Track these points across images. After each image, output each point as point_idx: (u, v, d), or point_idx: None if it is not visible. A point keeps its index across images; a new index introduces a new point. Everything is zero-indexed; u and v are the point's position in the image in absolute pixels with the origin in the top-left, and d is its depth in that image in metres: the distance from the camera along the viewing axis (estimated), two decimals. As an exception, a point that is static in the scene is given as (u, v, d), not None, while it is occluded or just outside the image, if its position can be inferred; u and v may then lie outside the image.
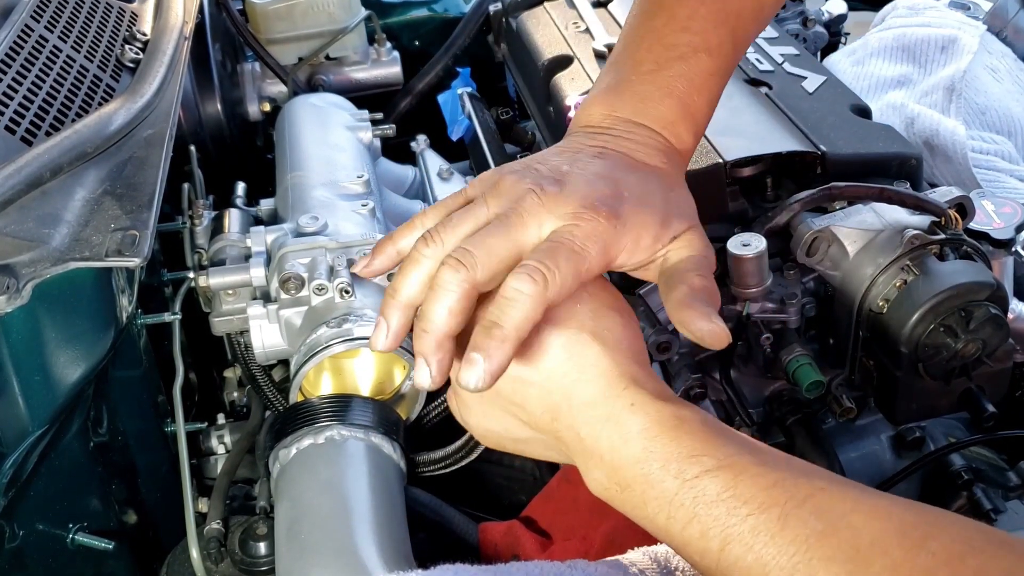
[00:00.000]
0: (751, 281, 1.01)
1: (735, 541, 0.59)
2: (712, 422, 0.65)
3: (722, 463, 0.61)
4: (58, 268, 0.86)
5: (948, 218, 0.97)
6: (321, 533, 0.91)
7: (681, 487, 0.61)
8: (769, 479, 0.60)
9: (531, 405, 0.69)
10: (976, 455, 1.03)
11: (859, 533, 0.56)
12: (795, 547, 0.57)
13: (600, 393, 0.66)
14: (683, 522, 0.61)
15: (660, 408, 0.65)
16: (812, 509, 0.58)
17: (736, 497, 0.60)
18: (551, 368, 0.68)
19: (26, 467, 0.91)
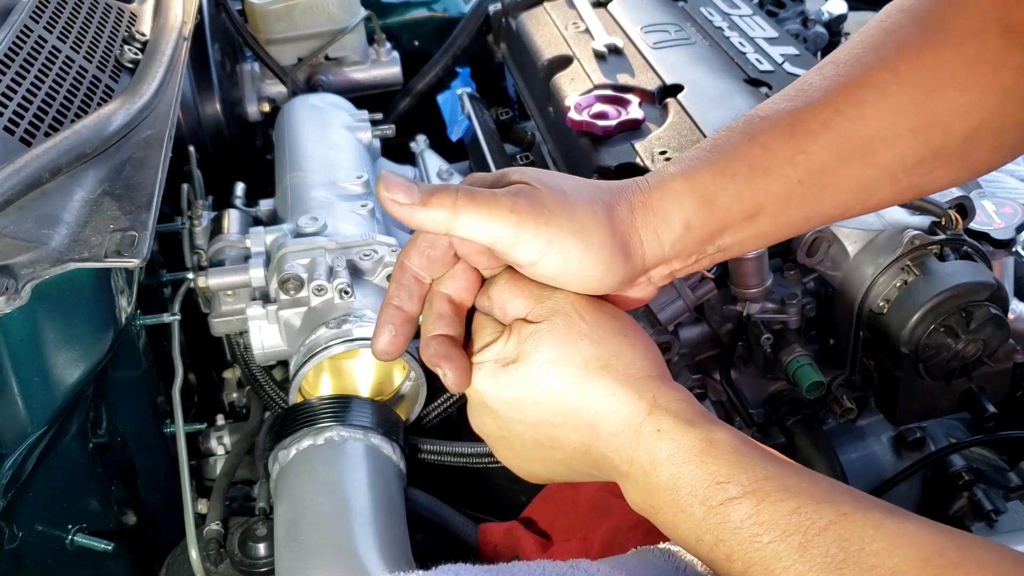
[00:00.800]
0: (751, 282, 1.01)
1: (757, 566, 0.60)
2: (738, 442, 0.65)
3: (746, 489, 0.62)
4: (57, 269, 0.86)
5: (948, 218, 0.97)
6: (321, 534, 0.91)
7: (707, 513, 0.63)
8: (791, 504, 0.61)
9: (561, 443, 0.70)
10: (977, 455, 1.03)
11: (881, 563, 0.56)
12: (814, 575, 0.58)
13: (623, 422, 0.67)
14: (710, 545, 0.63)
15: (686, 432, 0.65)
16: (833, 537, 0.58)
17: (759, 524, 0.61)
18: (570, 407, 0.68)
19: (25, 468, 0.91)
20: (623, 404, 0.67)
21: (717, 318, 1.05)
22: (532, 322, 0.69)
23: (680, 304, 1.00)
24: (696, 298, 1.01)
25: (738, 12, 1.37)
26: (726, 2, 1.40)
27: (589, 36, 1.37)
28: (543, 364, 0.68)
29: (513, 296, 0.71)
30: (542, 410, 0.69)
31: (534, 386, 0.68)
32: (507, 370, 0.69)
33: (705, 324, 1.07)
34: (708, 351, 1.08)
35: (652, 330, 1.01)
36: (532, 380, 0.68)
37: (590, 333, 0.69)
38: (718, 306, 1.04)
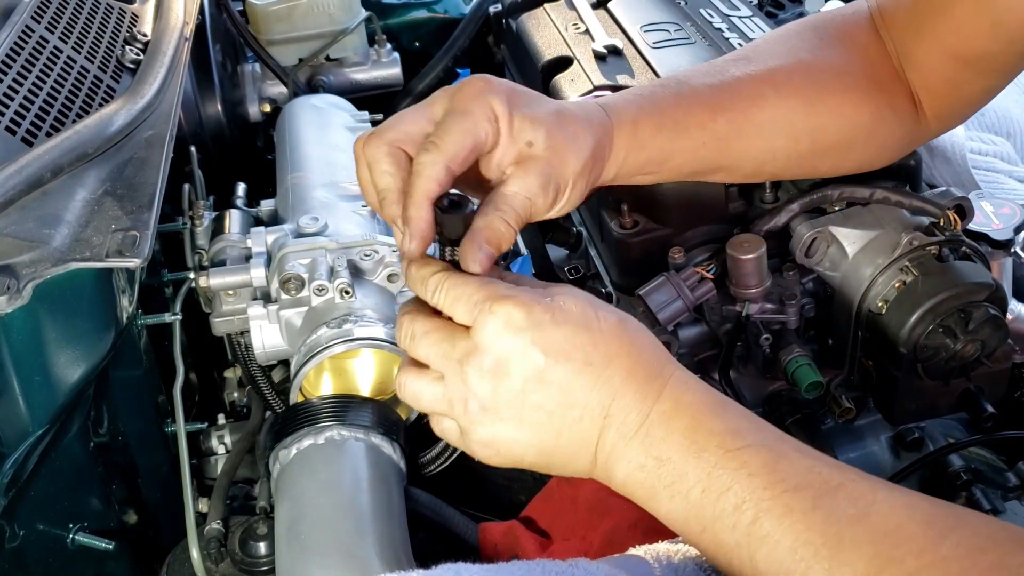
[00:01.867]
0: (750, 282, 1.01)
1: (767, 515, 0.61)
2: (752, 413, 0.69)
3: (763, 442, 0.65)
4: (59, 268, 0.86)
5: (947, 219, 0.97)
6: (321, 533, 0.91)
7: (723, 456, 0.64)
8: (806, 463, 0.64)
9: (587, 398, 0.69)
10: (975, 456, 1.03)
11: (887, 519, 0.59)
12: (826, 527, 0.60)
13: (656, 371, 0.69)
14: (718, 493, 0.64)
15: (707, 390, 0.70)
16: (845, 495, 0.61)
17: (774, 473, 0.63)
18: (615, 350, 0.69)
19: (26, 467, 0.91)
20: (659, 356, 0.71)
21: (716, 318, 1.05)
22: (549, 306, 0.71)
23: (679, 304, 1.01)
24: (695, 298, 1.02)
25: (737, 13, 1.37)
26: (725, 3, 1.40)
27: (589, 37, 1.37)
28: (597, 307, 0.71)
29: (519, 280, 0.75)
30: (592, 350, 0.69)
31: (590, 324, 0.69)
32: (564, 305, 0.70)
33: (704, 324, 1.07)
34: (707, 351, 1.08)
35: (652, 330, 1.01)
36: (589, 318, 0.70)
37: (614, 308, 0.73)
38: (717, 306, 1.04)
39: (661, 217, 1.07)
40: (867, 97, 0.92)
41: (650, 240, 1.06)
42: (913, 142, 0.99)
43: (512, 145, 0.74)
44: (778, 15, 1.69)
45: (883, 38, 0.94)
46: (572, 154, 0.76)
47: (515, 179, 0.74)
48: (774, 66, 0.91)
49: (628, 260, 1.08)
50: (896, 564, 0.57)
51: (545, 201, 0.75)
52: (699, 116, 0.87)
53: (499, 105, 0.73)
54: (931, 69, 0.92)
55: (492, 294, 0.70)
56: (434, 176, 0.70)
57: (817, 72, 0.91)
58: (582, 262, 1.21)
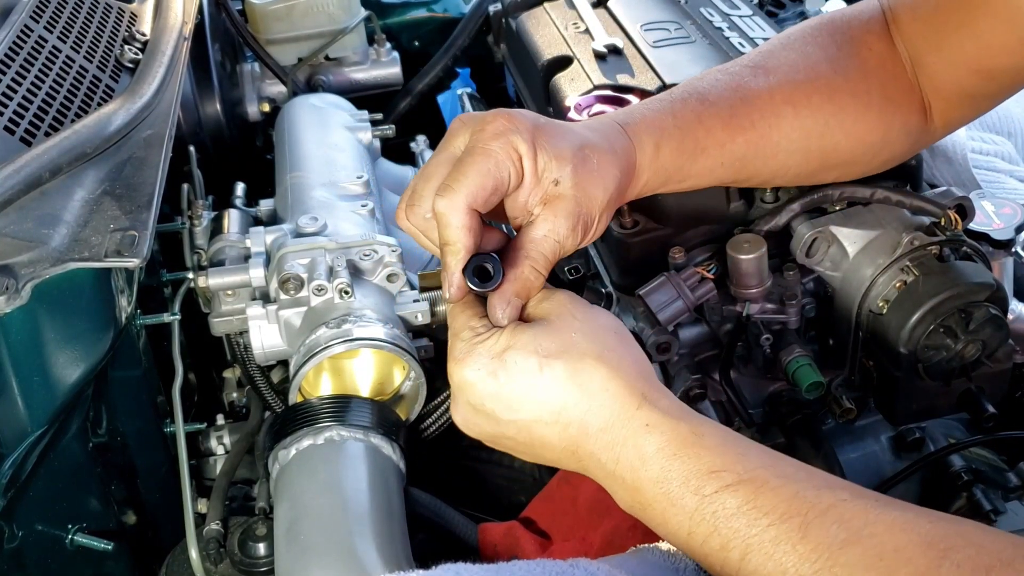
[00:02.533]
0: (751, 282, 1.01)
1: (755, 551, 0.60)
2: (730, 436, 0.66)
3: (742, 477, 0.62)
4: (57, 268, 0.86)
5: (948, 219, 0.97)
6: (321, 534, 0.91)
7: (700, 503, 0.63)
8: (790, 490, 0.61)
9: (551, 444, 0.71)
10: (976, 456, 1.03)
11: (883, 543, 0.57)
12: (817, 555, 0.58)
13: (614, 417, 0.68)
14: (703, 536, 0.63)
15: (675, 425, 0.66)
16: (835, 519, 0.59)
17: (757, 509, 0.61)
18: (563, 402, 0.69)
19: (25, 467, 0.91)
20: (615, 398, 0.68)
21: (717, 318, 1.05)
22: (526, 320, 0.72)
23: (680, 304, 1.00)
24: (696, 298, 1.01)
25: (738, 12, 1.37)
26: (726, 2, 1.40)
27: (589, 36, 1.37)
28: (542, 356, 0.69)
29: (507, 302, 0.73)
30: (536, 406, 0.69)
31: (533, 379, 0.69)
32: (506, 362, 0.70)
33: (705, 324, 1.07)
34: (708, 351, 1.08)
35: (652, 330, 1.01)
36: (531, 372, 0.69)
37: (583, 329, 0.71)
38: (718, 306, 1.04)
39: (661, 217, 1.06)
40: (880, 117, 0.92)
41: (650, 240, 1.06)
42: (918, 148, 0.99)
43: (538, 185, 0.73)
44: (778, 14, 1.69)
45: (896, 43, 0.93)
46: (599, 189, 0.75)
47: (543, 221, 0.73)
48: (794, 80, 0.90)
49: (628, 260, 1.08)
50: None
51: (575, 241, 0.74)
52: (719, 136, 0.86)
53: (522, 144, 0.71)
54: (947, 79, 0.91)
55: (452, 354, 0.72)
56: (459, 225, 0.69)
57: (835, 91, 0.91)
58: (582, 262, 1.21)
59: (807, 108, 0.89)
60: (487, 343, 0.71)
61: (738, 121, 0.87)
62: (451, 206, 0.69)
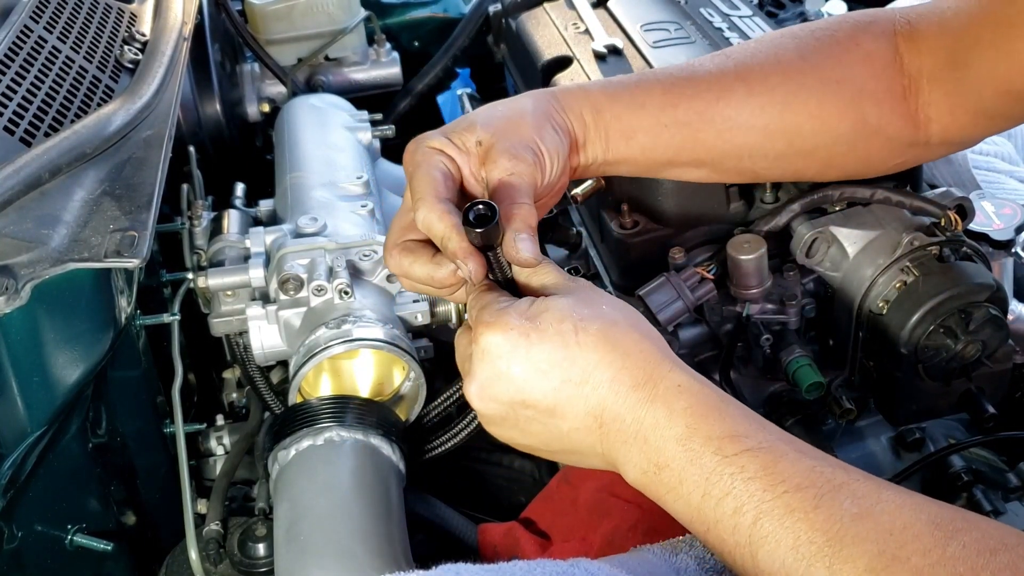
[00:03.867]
0: (751, 282, 1.01)
1: (768, 516, 0.61)
2: (753, 412, 0.68)
3: (762, 444, 0.64)
4: (57, 269, 0.86)
5: (948, 219, 0.97)
6: (320, 534, 0.91)
7: (720, 463, 0.64)
8: (807, 464, 0.63)
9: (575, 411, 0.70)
10: (976, 456, 1.03)
11: (893, 519, 0.58)
12: (828, 524, 0.59)
13: (646, 375, 0.69)
14: (717, 498, 0.63)
15: (703, 390, 0.68)
16: (848, 494, 0.60)
17: (774, 475, 0.62)
18: (595, 362, 0.69)
19: (25, 468, 0.91)
20: (649, 358, 0.69)
21: (716, 319, 1.05)
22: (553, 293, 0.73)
23: (680, 304, 1.00)
24: (696, 299, 1.01)
25: (738, 13, 1.37)
26: (726, 3, 1.40)
27: (589, 37, 1.37)
28: (577, 320, 0.70)
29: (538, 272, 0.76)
30: (568, 367, 0.69)
31: (567, 339, 0.69)
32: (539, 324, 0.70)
33: (704, 325, 1.07)
34: (707, 352, 1.08)
35: (652, 330, 1.01)
36: (566, 333, 0.69)
37: (611, 302, 0.73)
38: (718, 307, 1.04)
39: (661, 217, 1.06)
40: (852, 106, 0.88)
41: (650, 240, 1.06)
42: (905, 162, 0.96)
43: (470, 156, 0.78)
44: (778, 15, 1.69)
45: (902, 54, 0.89)
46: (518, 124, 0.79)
47: (490, 172, 0.77)
48: (750, 63, 0.90)
49: (628, 260, 1.08)
50: (901, 563, 0.56)
51: (527, 166, 0.77)
52: (658, 98, 0.87)
53: (434, 140, 0.79)
54: (969, 96, 0.87)
55: (479, 319, 0.72)
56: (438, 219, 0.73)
57: (796, 74, 0.89)
58: (582, 262, 1.21)
59: (762, 86, 0.88)
60: (518, 306, 0.72)
61: (681, 90, 0.87)
62: (427, 209, 0.73)
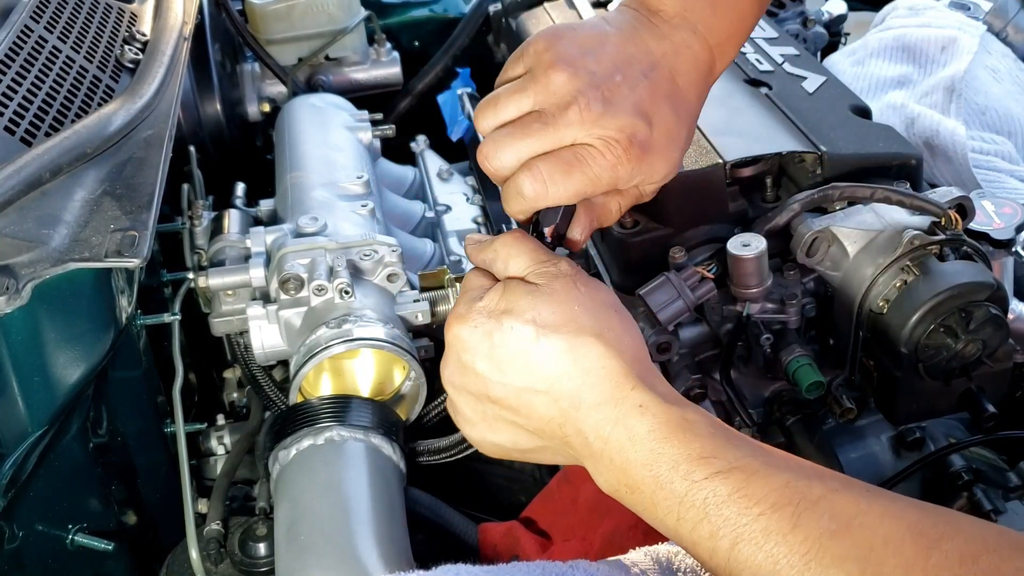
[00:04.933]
0: (751, 281, 1.01)
1: (745, 541, 0.59)
2: (721, 426, 0.66)
3: (733, 465, 0.62)
4: (58, 269, 0.86)
5: (948, 218, 0.97)
6: (321, 534, 0.91)
7: (690, 488, 0.62)
8: (781, 480, 0.61)
9: (538, 414, 0.70)
10: (976, 456, 1.03)
11: (873, 533, 0.57)
12: (807, 546, 0.57)
13: (607, 395, 0.67)
14: (693, 523, 0.62)
15: (668, 410, 0.66)
16: (825, 509, 0.59)
17: (748, 497, 0.60)
18: (557, 374, 0.68)
19: (26, 468, 0.91)
20: (610, 376, 0.67)
21: (717, 318, 1.05)
22: (530, 282, 0.72)
23: (680, 304, 1.00)
24: (696, 298, 1.01)
25: (738, 12, 1.37)
26: (726, 2, 1.40)
27: (589, 36, 1.37)
28: (539, 326, 0.69)
29: (519, 253, 0.74)
30: (529, 375, 0.69)
31: (528, 348, 0.69)
32: (502, 327, 0.70)
33: (705, 324, 1.07)
34: (708, 351, 1.08)
35: (652, 330, 1.01)
36: (527, 340, 0.69)
37: (585, 303, 0.71)
38: (718, 306, 1.04)
39: (661, 217, 1.06)
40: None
41: (650, 240, 1.06)
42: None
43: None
44: (778, 14, 1.70)
45: None
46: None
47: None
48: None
49: (628, 260, 1.08)
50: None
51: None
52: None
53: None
54: None
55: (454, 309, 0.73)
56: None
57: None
58: (582, 262, 1.21)
59: None
60: (486, 302, 0.72)
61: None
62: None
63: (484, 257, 0.77)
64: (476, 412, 0.74)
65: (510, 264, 0.74)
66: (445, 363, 0.74)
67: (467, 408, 0.74)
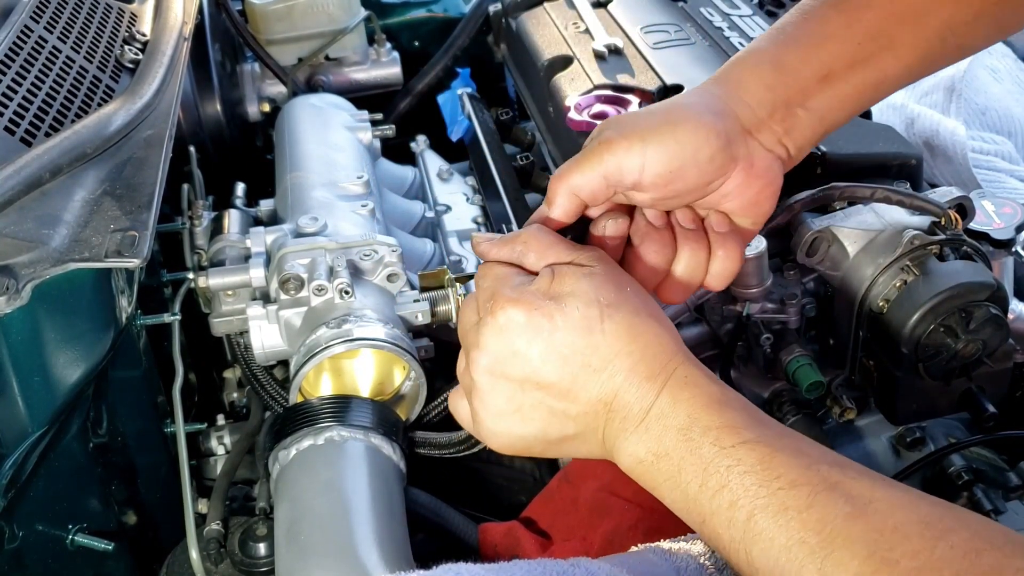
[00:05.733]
0: (751, 281, 1.01)
1: (762, 513, 0.61)
2: (755, 408, 0.68)
3: (760, 439, 0.64)
4: (58, 269, 0.86)
5: (948, 218, 0.97)
6: (321, 534, 0.91)
7: (718, 454, 0.64)
8: (803, 461, 0.63)
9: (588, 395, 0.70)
10: (976, 455, 1.03)
11: (884, 519, 0.59)
12: (821, 525, 0.59)
13: (660, 367, 0.69)
14: (714, 489, 0.63)
15: (710, 384, 0.69)
16: (842, 493, 0.60)
17: (769, 470, 0.62)
18: (618, 350, 0.69)
19: (26, 468, 0.91)
20: (665, 351, 0.70)
21: (717, 318, 1.05)
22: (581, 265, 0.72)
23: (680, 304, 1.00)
24: (696, 298, 1.01)
25: (738, 12, 1.37)
26: (726, 2, 1.40)
27: (589, 36, 1.37)
28: (604, 305, 0.70)
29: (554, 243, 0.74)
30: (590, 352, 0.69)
31: (593, 325, 0.69)
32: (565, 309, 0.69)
33: (705, 324, 1.07)
34: (708, 351, 1.08)
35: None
36: (592, 319, 0.69)
37: (632, 283, 0.73)
38: (718, 306, 1.04)
39: (661, 217, 1.06)
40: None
41: (650, 240, 1.06)
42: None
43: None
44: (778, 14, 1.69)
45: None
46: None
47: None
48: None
49: (628, 260, 1.08)
50: (891, 565, 0.57)
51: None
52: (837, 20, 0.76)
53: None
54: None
55: (498, 293, 0.71)
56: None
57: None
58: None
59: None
60: (540, 285, 0.71)
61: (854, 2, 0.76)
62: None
63: (511, 250, 0.76)
64: (512, 402, 0.71)
65: (547, 254, 0.74)
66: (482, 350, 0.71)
67: (501, 398, 0.72)
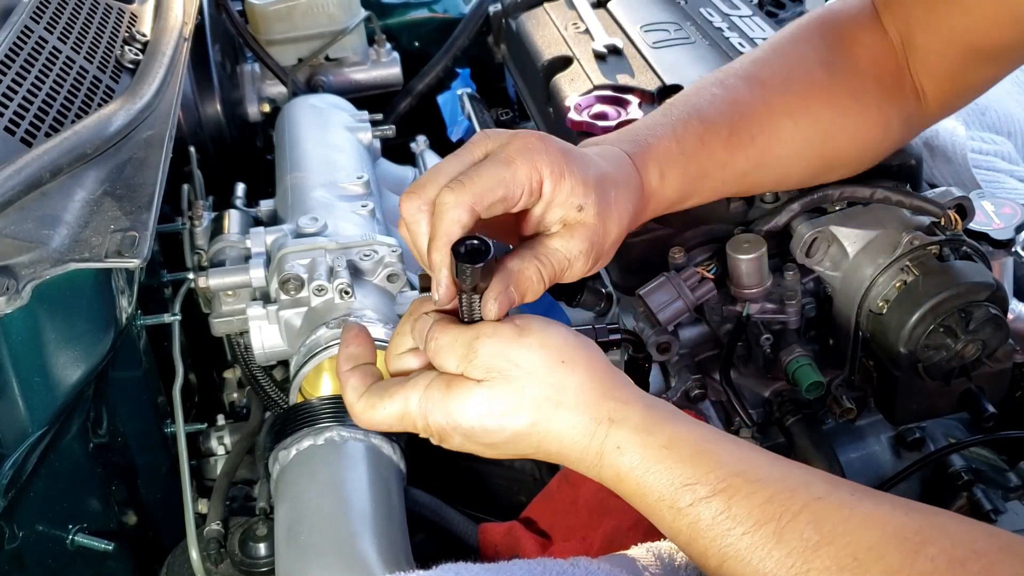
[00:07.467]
0: (751, 282, 1.01)
1: (732, 559, 0.61)
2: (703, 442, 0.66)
3: (715, 488, 0.63)
4: (58, 269, 0.86)
5: (948, 219, 0.97)
6: (321, 534, 0.91)
7: (676, 516, 0.64)
8: (764, 495, 0.62)
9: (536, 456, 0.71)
10: (976, 456, 1.03)
11: (857, 540, 0.58)
12: (792, 559, 0.59)
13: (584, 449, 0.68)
14: (683, 543, 0.64)
15: (645, 441, 0.66)
16: (808, 520, 0.60)
17: (731, 519, 0.62)
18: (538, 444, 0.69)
19: (26, 468, 0.91)
20: (582, 434, 0.68)
21: (716, 318, 1.05)
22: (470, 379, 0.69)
23: (680, 304, 1.01)
24: (696, 298, 1.01)
25: (738, 13, 1.37)
26: (726, 3, 1.40)
27: (589, 37, 1.37)
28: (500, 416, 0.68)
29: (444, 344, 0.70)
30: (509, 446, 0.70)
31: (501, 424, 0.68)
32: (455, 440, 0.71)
33: (705, 324, 1.07)
34: (708, 351, 1.08)
35: (652, 330, 1.01)
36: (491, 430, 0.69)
37: (529, 377, 0.68)
38: (718, 306, 1.04)
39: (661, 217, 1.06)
40: (879, 112, 0.93)
41: (650, 240, 1.06)
42: (916, 132, 1.00)
43: (560, 207, 0.72)
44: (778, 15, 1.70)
45: (887, 26, 0.93)
46: (615, 223, 0.75)
47: (561, 238, 0.72)
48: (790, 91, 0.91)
49: (628, 260, 1.08)
50: None
51: (584, 266, 0.73)
52: (720, 157, 0.87)
53: (547, 167, 0.70)
54: (939, 58, 0.91)
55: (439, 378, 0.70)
56: (455, 219, 0.67)
57: (833, 96, 0.91)
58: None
59: (805, 117, 0.90)
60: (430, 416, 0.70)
61: (738, 139, 0.88)
62: (456, 200, 0.67)
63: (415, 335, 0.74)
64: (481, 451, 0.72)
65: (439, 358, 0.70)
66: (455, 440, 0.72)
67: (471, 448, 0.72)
